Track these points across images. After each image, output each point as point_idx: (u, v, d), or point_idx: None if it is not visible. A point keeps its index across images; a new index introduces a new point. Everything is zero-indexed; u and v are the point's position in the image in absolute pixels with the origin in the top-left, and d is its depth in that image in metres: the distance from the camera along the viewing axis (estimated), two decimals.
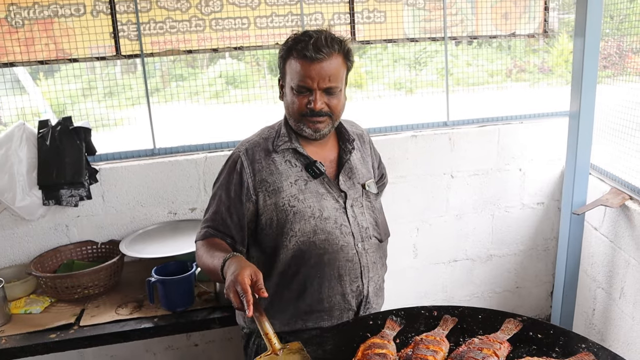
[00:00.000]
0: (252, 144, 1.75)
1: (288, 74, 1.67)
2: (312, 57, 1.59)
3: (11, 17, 2.54)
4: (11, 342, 2.10)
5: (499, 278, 3.35)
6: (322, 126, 1.68)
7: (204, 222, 1.74)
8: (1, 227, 2.62)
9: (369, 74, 3.55)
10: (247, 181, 1.69)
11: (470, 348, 1.46)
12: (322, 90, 1.63)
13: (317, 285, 1.70)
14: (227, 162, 1.76)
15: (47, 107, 3.44)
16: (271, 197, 1.68)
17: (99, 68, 2.85)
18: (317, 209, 1.69)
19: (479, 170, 3.13)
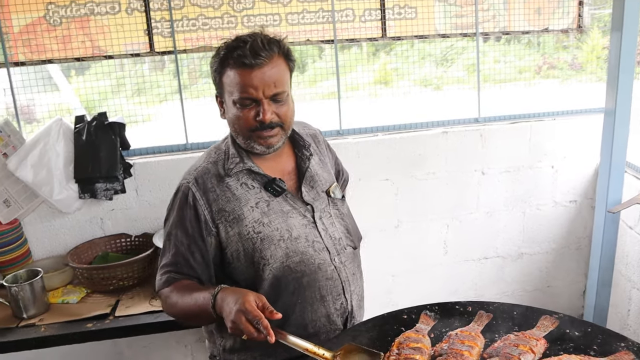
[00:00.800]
0: (201, 171, 1.57)
1: (226, 87, 1.50)
2: (251, 64, 1.43)
3: (49, 16, 2.61)
4: (50, 330, 2.16)
5: (530, 276, 3.31)
6: (274, 140, 1.53)
7: (163, 267, 1.57)
8: (39, 219, 2.69)
9: (395, 71, 3.54)
10: (204, 214, 1.53)
11: (506, 344, 1.45)
12: (268, 98, 1.47)
13: (300, 312, 1.57)
14: (174, 196, 1.59)
15: (79, 103, 3.51)
16: (233, 227, 1.53)
17: (128, 65, 2.90)
18: (285, 230, 1.55)
19: (510, 167, 3.10)
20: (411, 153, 2.94)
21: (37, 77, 2.72)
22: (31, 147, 2.55)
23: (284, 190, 1.58)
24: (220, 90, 1.56)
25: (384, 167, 2.93)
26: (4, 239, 2.54)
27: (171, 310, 1.55)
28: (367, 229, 2.99)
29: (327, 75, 3.03)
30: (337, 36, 2.83)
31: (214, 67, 1.53)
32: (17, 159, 2.53)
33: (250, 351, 1.62)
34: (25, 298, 2.22)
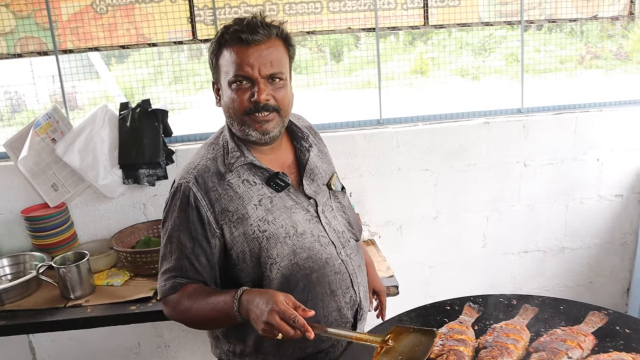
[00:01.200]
0: (200, 170, 1.49)
1: (222, 68, 1.45)
2: (248, 40, 1.38)
3: (96, 4, 2.66)
4: (96, 312, 2.22)
5: (572, 272, 3.24)
6: (270, 126, 1.45)
7: (166, 272, 1.49)
8: (85, 203, 2.77)
9: (433, 61, 3.49)
10: (207, 215, 1.46)
11: (553, 339, 1.42)
12: (265, 78, 1.41)
13: (311, 308, 1.44)
14: (173, 197, 1.50)
15: (119, 91, 3.59)
16: (238, 228, 1.46)
17: (167, 53, 2.94)
18: (290, 227, 1.49)
19: (553, 159, 3.02)
20: (452, 143, 2.90)
21: (79, 65, 2.78)
22: (78, 133, 2.62)
23: (288, 184, 1.52)
24: (216, 75, 1.50)
25: (423, 157, 2.90)
26: (52, 221, 2.63)
27: (183, 317, 1.49)
28: (405, 219, 2.99)
29: (363, 65, 3.00)
30: (379, 24, 2.81)
31: (211, 50, 1.48)
32: (65, 144, 2.60)
33: (262, 354, 1.58)
34: (73, 279, 2.28)
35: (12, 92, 3.06)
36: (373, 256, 2.49)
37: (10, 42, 2.65)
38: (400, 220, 2.98)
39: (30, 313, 2.23)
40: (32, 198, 2.72)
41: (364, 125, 2.91)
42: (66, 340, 2.95)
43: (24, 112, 3.12)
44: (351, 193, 2.87)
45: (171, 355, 3.06)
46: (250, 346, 1.57)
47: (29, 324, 2.19)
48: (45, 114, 2.67)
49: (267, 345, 1.55)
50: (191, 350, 3.06)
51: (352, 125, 2.91)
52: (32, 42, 2.67)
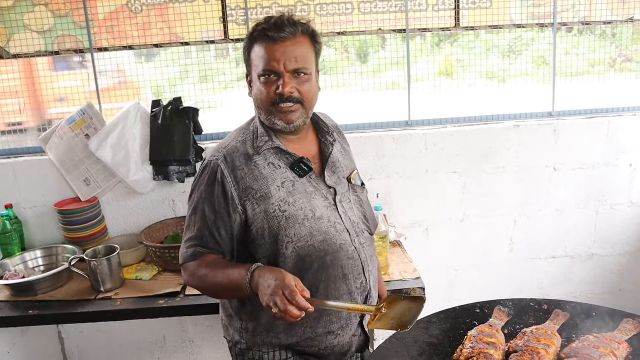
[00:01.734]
0: (230, 149, 1.60)
1: (253, 62, 1.57)
2: (274, 37, 1.50)
3: (131, 4, 2.71)
4: (125, 305, 2.26)
5: (600, 279, 3.18)
6: (294, 117, 1.56)
7: (189, 240, 1.60)
8: (116, 199, 2.83)
9: (459, 63, 3.46)
10: (231, 191, 1.56)
11: (585, 345, 1.41)
12: (290, 72, 1.52)
13: (324, 289, 1.60)
14: (202, 172, 1.61)
15: (148, 89, 3.64)
16: (260, 205, 1.56)
17: (195, 52, 2.97)
18: (309, 210, 1.58)
19: (584, 164, 2.97)
20: (481, 146, 2.88)
21: (110, 63, 2.84)
22: (111, 129, 2.67)
23: (311, 169, 1.61)
24: (249, 68, 1.61)
25: (452, 159, 2.88)
26: (84, 215, 2.69)
27: (199, 283, 1.59)
28: (432, 221, 2.97)
29: (389, 66, 3.00)
30: (409, 26, 2.80)
31: (245, 45, 1.60)
32: (98, 140, 2.66)
33: (273, 332, 1.64)
34: (103, 272, 2.33)
35: None
36: (399, 257, 2.50)
37: (48, 40, 2.72)
38: (427, 222, 2.97)
39: (62, 304, 2.29)
40: (65, 192, 2.79)
41: (392, 127, 2.91)
42: (94, 332, 3.01)
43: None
44: (378, 194, 2.87)
45: (195, 350, 3.10)
46: (262, 324, 1.64)
47: (60, 314, 2.25)
48: (80, 110, 2.73)
49: (280, 324, 1.61)
50: (215, 346, 3.10)
51: (380, 127, 2.91)
52: (69, 41, 2.73)
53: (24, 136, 2.95)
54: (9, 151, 2.85)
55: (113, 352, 3.07)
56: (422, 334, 1.47)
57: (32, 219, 2.82)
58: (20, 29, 2.70)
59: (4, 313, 2.24)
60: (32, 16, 2.69)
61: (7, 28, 2.70)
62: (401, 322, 1.33)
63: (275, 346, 1.66)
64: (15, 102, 2.89)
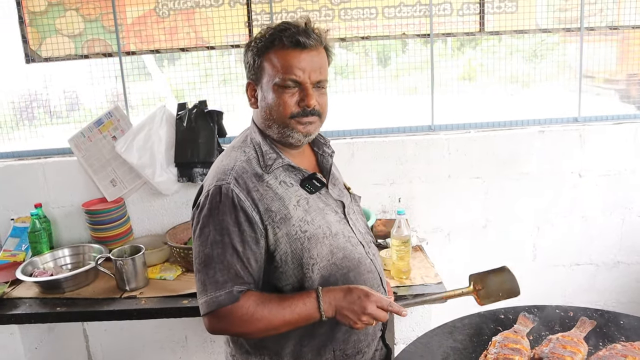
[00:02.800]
0: (238, 171, 1.43)
1: (268, 70, 1.42)
2: (304, 44, 1.38)
3: (159, 8, 2.77)
4: (149, 304, 2.29)
5: (626, 287, 3.13)
6: (312, 128, 1.45)
7: (216, 282, 1.37)
8: (141, 199, 2.88)
9: (482, 67, 3.44)
10: (253, 215, 1.40)
11: (612, 353, 1.39)
12: (313, 84, 1.41)
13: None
14: (211, 201, 1.41)
15: (170, 92, 3.70)
16: (281, 228, 1.42)
17: (216, 57, 3.01)
18: (326, 227, 1.47)
19: (610, 170, 2.93)
20: (504, 151, 2.86)
21: (133, 66, 2.90)
22: (137, 131, 2.72)
23: (324, 185, 1.52)
24: (256, 76, 1.47)
25: (475, 164, 2.87)
26: (110, 215, 2.74)
27: (253, 326, 1.38)
28: (454, 226, 2.96)
29: (410, 70, 3.00)
30: (434, 30, 2.80)
31: (254, 51, 1.45)
32: (125, 141, 2.71)
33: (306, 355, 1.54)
34: (129, 272, 2.36)
35: (69, 92, 3.20)
36: (420, 262, 2.49)
37: (78, 43, 2.79)
38: (448, 228, 2.96)
39: (88, 302, 2.33)
40: (92, 192, 2.85)
41: (414, 131, 2.91)
42: (118, 331, 3.06)
43: (79, 110, 3.25)
44: (400, 198, 2.87)
45: (216, 351, 3.13)
46: (287, 354, 1.52)
47: (86, 312, 2.28)
48: (107, 113, 2.79)
49: (307, 351, 1.52)
50: None
51: (402, 131, 2.91)
52: (98, 44, 2.80)
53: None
54: (39, 152, 2.92)
55: (136, 351, 3.12)
56: (446, 339, 1.47)
57: (60, 218, 2.89)
58: (52, 32, 2.78)
59: (33, 309, 2.29)
60: (63, 20, 2.77)
61: (40, 32, 2.78)
62: (509, 291, 1.49)
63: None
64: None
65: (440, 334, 1.46)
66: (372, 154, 2.82)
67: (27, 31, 2.78)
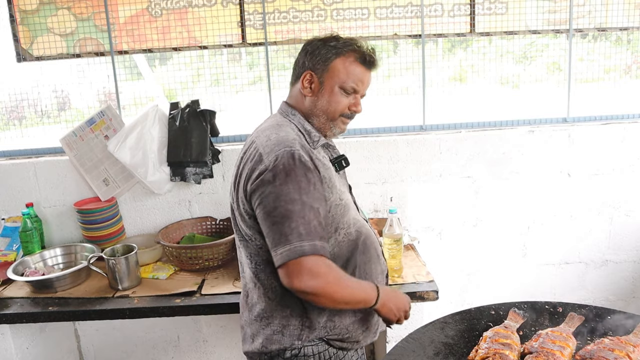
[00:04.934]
0: (298, 141, 1.59)
1: (339, 71, 1.63)
2: (372, 64, 1.67)
3: (152, 8, 2.77)
4: (142, 303, 2.29)
5: (614, 285, 3.17)
6: (346, 127, 1.75)
7: (305, 235, 1.45)
8: (133, 199, 2.87)
9: (472, 68, 3.46)
10: (321, 177, 1.57)
11: (600, 347, 1.42)
12: (362, 96, 1.72)
13: (369, 269, 1.73)
14: (287, 163, 1.50)
15: (161, 92, 3.69)
16: (332, 193, 1.61)
17: (207, 57, 3.02)
18: (348, 201, 1.73)
19: (599, 170, 2.97)
20: (495, 151, 2.89)
21: (125, 66, 2.89)
22: (129, 130, 2.72)
23: (348, 164, 1.76)
24: (322, 70, 1.64)
25: (466, 164, 2.90)
26: (103, 215, 2.73)
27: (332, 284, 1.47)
28: (445, 225, 2.99)
29: (401, 71, 3.02)
30: (425, 31, 2.83)
31: (334, 50, 1.63)
32: (117, 141, 2.71)
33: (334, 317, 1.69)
34: (121, 271, 2.36)
35: (60, 91, 3.19)
36: (412, 260, 2.51)
37: (70, 42, 2.79)
38: (440, 227, 2.98)
39: (80, 301, 2.32)
40: (84, 192, 2.84)
41: (406, 131, 2.93)
42: (110, 330, 3.06)
43: (69, 110, 3.25)
44: (392, 198, 2.89)
45: (209, 350, 3.13)
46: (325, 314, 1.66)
47: (78, 311, 2.28)
48: (100, 112, 2.78)
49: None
50: (228, 346, 3.13)
51: (394, 131, 2.94)
52: (90, 43, 2.79)
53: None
54: (30, 151, 2.91)
55: (128, 351, 3.11)
56: (438, 334, 1.48)
57: (51, 217, 2.88)
58: (44, 31, 2.77)
59: (25, 309, 2.29)
60: (55, 19, 2.76)
61: (31, 31, 2.77)
62: None
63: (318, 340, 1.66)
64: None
65: (432, 329, 1.48)
66: (364, 153, 2.84)
67: (19, 30, 2.77)
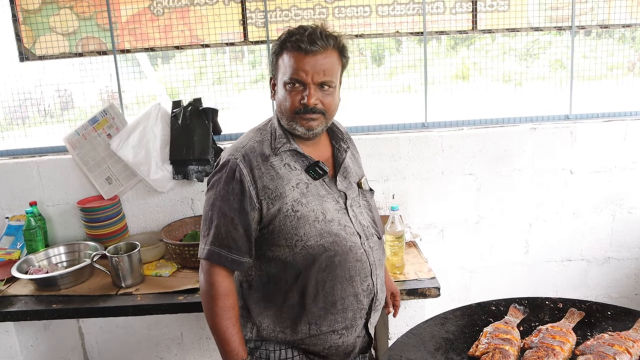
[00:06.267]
0: (248, 149, 1.63)
1: (280, 69, 1.60)
2: (306, 49, 1.53)
3: (153, 6, 2.78)
4: (145, 300, 2.31)
5: (616, 283, 3.17)
6: (315, 124, 1.61)
7: (206, 237, 1.63)
8: (136, 197, 2.89)
9: (475, 66, 3.46)
10: (249, 189, 1.58)
11: (600, 342, 1.42)
12: (316, 84, 1.56)
13: (330, 288, 1.64)
14: (219, 170, 1.63)
15: (163, 90, 3.71)
16: (274, 204, 1.59)
17: (210, 55, 3.03)
18: (320, 212, 1.63)
19: (601, 167, 2.97)
20: (497, 148, 2.89)
21: (127, 65, 2.90)
22: (132, 129, 2.73)
23: (325, 173, 1.65)
24: (274, 72, 1.64)
25: (468, 161, 2.90)
26: (106, 213, 2.75)
27: (207, 300, 1.61)
28: (447, 223, 2.99)
29: (405, 69, 3.02)
30: (427, 29, 2.83)
31: (274, 49, 1.62)
32: (119, 139, 2.72)
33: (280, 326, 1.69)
34: (124, 268, 2.38)
35: (62, 90, 3.20)
36: (414, 258, 2.52)
37: (72, 42, 2.80)
38: (442, 224, 2.99)
39: (84, 299, 2.34)
40: (87, 190, 2.86)
41: (408, 129, 2.94)
42: (113, 328, 3.07)
43: (72, 109, 3.26)
44: (394, 195, 2.90)
45: (212, 347, 3.14)
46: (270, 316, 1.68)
47: (82, 308, 2.30)
48: (102, 111, 2.80)
49: (286, 318, 1.67)
50: None
51: (396, 128, 2.94)
52: (92, 42, 2.81)
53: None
54: (33, 150, 2.93)
55: (131, 348, 3.13)
56: (439, 330, 1.49)
57: (55, 216, 2.89)
58: (46, 31, 2.78)
59: (29, 307, 2.31)
60: (57, 19, 2.77)
61: (33, 30, 2.78)
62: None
63: (281, 343, 1.69)
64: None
65: (433, 325, 1.49)
66: (366, 151, 2.84)
67: (21, 29, 2.79)
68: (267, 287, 1.67)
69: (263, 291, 1.68)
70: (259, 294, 1.68)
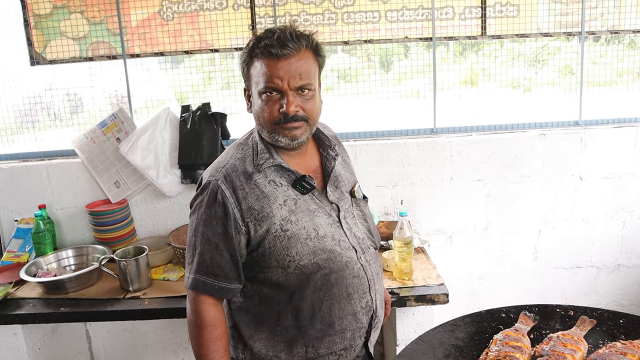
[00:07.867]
0: (229, 168, 1.52)
1: (253, 78, 1.48)
2: (278, 54, 1.41)
3: (163, 11, 2.79)
4: (153, 304, 2.31)
5: (627, 290, 3.13)
6: (298, 132, 1.48)
7: (190, 265, 1.53)
8: (144, 201, 2.89)
9: (484, 71, 3.46)
10: (233, 212, 1.48)
11: (612, 351, 1.40)
12: (293, 90, 1.44)
13: (327, 308, 1.54)
14: (201, 193, 1.53)
15: (172, 95, 3.72)
16: (262, 225, 1.49)
17: (219, 60, 3.04)
18: (311, 229, 1.52)
19: (611, 173, 2.95)
20: (506, 154, 2.88)
21: (136, 69, 2.92)
22: (141, 133, 2.74)
23: (314, 187, 1.55)
24: (247, 83, 1.53)
25: (477, 167, 2.89)
26: (114, 217, 2.76)
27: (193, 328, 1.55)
28: (455, 228, 2.98)
29: (413, 74, 3.02)
30: (436, 34, 2.82)
31: (243, 59, 1.51)
32: (128, 143, 2.73)
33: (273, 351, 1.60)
34: (132, 272, 2.38)
35: (72, 94, 3.22)
36: (422, 263, 2.50)
37: (82, 46, 2.82)
38: (450, 230, 2.97)
39: (92, 302, 2.35)
40: (95, 194, 2.87)
41: (417, 134, 2.93)
42: (121, 332, 3.07)
43: (82, 113, 3.28)
44: (402, 201, 2.89)
45: None
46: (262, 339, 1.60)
47: (90, 312, 2.30)
48: (112, 115, 2.81)
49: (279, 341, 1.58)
50: None
51: (405, 134, 2.93)
52: (102, 47, 2.82)
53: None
54: (42, 153, 2.95)
55: (138, 352, 3.13)
56: (448, 337, 1.48)
57: (63, 219, 2.90)
58: (57, 35, 2.81)
59: (37, 309, 2.31)
60: (68, 23, 2.79)
61: (45, 35, 2.80)
62: None
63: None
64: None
65: (442, 331, 1.47)
66: (375, 156, 2.84)
67: (32, 34, 2.81)
68: (257, 308, 1.58)
69: (254, 313, 1.58)
70: (249, 315, 1.59)
